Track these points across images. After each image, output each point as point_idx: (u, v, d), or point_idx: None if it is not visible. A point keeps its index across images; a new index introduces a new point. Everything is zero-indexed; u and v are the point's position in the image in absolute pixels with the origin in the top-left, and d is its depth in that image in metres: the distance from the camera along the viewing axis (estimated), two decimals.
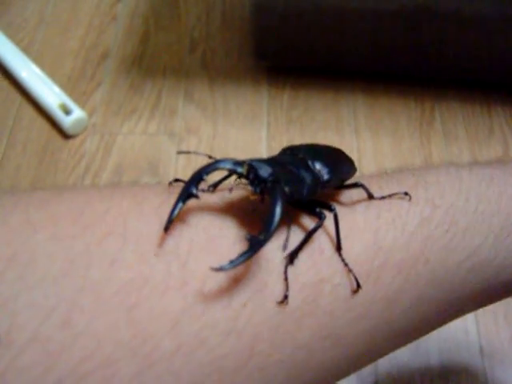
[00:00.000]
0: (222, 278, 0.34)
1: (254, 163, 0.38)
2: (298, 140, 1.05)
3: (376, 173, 0.46)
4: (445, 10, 1.00)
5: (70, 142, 1.06)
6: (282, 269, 0.36)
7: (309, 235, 0.38)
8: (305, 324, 0.37)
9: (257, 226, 0.37)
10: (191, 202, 0.37)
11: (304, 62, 1.14)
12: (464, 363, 0.86)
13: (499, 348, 0.86)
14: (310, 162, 0.42)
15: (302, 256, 0.37)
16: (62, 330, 0.30)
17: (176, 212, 0.36)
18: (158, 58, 1.19)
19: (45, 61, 1.17)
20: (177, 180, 0.41)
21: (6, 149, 1.05)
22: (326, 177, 0.41)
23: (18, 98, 1.12)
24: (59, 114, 1.06)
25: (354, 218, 0.40)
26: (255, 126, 1.06)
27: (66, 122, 1.05)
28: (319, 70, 1.13)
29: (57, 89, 1.10)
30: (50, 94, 1.09)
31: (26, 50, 1.18)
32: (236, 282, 0.35)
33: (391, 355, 0.43)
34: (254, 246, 0.34)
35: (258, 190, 0.37)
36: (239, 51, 1.18)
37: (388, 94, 1.11)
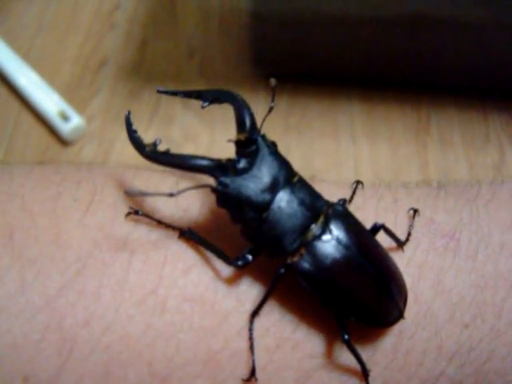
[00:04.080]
0: None
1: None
2: (294, 147, 1.05)
3: None
4: (441, 17, 1.01)
5: (69, 148, 1.06)
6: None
7: (269, 291, 0.35)
8: None
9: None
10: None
11: (301, 70, 1.14)
12: None
13: None
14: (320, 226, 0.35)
15: None
16: None
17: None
18: (157, 66, 1.19)
19: (44, 68, 1.17)
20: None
21: (5, 155, 1.05)
22: (301, 265, 0.35)
23: (16, 104, 1.12)
24: (58, 121, 1.06)
25: None
26: None
27: (65, 128, 1.06)
28: (316, 78, 1.14)
29: (55, 96, 1.10)
30: (48, 100, 1.09)
31: (25, 56, 1.18)
32: None
33: None
34: None
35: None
36: (237, 58, 1.18)
37: (385, 101, 1.11)
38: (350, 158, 1.04)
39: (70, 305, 0.33)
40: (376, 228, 0.38)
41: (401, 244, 0.39)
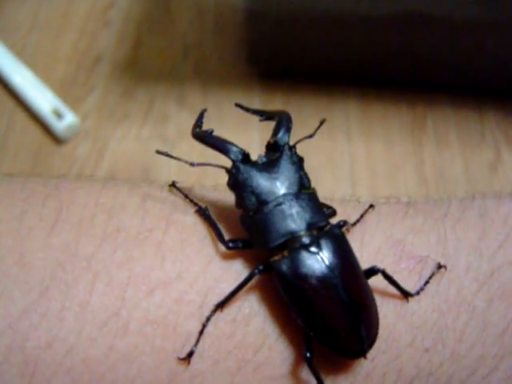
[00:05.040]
0: None
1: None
2: None
3: None
4: (437, 15, 1.00)
5: (63, 147, 1.06)
6: None
7: (239, 286, 0.36)
8: None
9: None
10: None
11: (297, 68, 1.14)
12: None
13: None
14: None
15: None
16: None
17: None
18: (151, 64, 1.19)
19: (38, 66, 1.16)
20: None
21: None
22: (280, 265, 0.36)
23: (10, 102, 1.12)
24: (52, 119, 1.06)
25: None
26: (248, 132, 1.06)
27: (59, 127, 1.05)
28: (312, 76, 1.14)
29: (49, 94, 1.10)
30: (42, 98, 1.09)
31: (19, 54, 1.18)
32: None
33: None
34: None
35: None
36: (232, 57, 1.18)
37: (380, 100, 1.11)
38: (346, 156, 1.04)
39: (32, 327, 0.33)
40: (373, 271, 0.38)
41: (408, 295, 0.38)
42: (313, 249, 0.36)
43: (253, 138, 1.05)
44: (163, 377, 0.34)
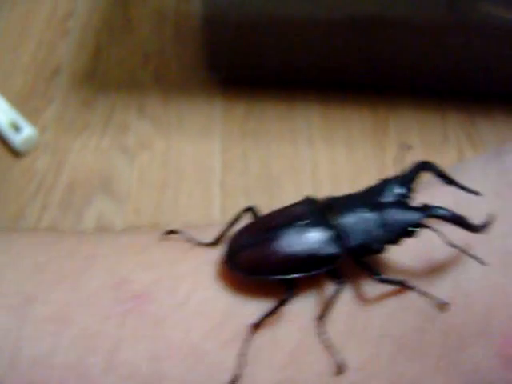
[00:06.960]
0: None
1: None
2: (251, 152, 1.04)
3: None
4: (397, 18, 1.01)
5: (22, 160, 1.04)
6: None
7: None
8: None
9: None
10: None
11: (258, 74, 1.14)
12: None
13: None
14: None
15: None
16: None
17: None
18: (111, 73, 1.17)
19: None
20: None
21: None
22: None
23: None
24: (9, 132, 1.04)
25: None
26: (209, 140, 1.05)
27: (17, 140, 1.03)
28: (274, 82, 1.13)
29: (6, 106, 1.08)
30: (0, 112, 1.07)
31: None
32: None
33: None
34: None
35: None
36: (192, 64, 1.17)
37: (342, 104, 1.11)
38: (308, 161, 1.03)
39: None
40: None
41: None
42: (304, 220, 0.40)
43: (214, 147, 1.05)
44: None
